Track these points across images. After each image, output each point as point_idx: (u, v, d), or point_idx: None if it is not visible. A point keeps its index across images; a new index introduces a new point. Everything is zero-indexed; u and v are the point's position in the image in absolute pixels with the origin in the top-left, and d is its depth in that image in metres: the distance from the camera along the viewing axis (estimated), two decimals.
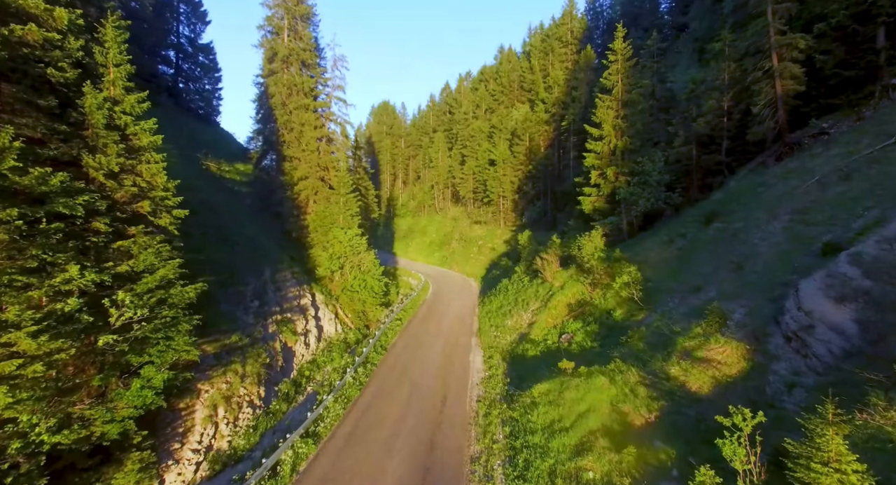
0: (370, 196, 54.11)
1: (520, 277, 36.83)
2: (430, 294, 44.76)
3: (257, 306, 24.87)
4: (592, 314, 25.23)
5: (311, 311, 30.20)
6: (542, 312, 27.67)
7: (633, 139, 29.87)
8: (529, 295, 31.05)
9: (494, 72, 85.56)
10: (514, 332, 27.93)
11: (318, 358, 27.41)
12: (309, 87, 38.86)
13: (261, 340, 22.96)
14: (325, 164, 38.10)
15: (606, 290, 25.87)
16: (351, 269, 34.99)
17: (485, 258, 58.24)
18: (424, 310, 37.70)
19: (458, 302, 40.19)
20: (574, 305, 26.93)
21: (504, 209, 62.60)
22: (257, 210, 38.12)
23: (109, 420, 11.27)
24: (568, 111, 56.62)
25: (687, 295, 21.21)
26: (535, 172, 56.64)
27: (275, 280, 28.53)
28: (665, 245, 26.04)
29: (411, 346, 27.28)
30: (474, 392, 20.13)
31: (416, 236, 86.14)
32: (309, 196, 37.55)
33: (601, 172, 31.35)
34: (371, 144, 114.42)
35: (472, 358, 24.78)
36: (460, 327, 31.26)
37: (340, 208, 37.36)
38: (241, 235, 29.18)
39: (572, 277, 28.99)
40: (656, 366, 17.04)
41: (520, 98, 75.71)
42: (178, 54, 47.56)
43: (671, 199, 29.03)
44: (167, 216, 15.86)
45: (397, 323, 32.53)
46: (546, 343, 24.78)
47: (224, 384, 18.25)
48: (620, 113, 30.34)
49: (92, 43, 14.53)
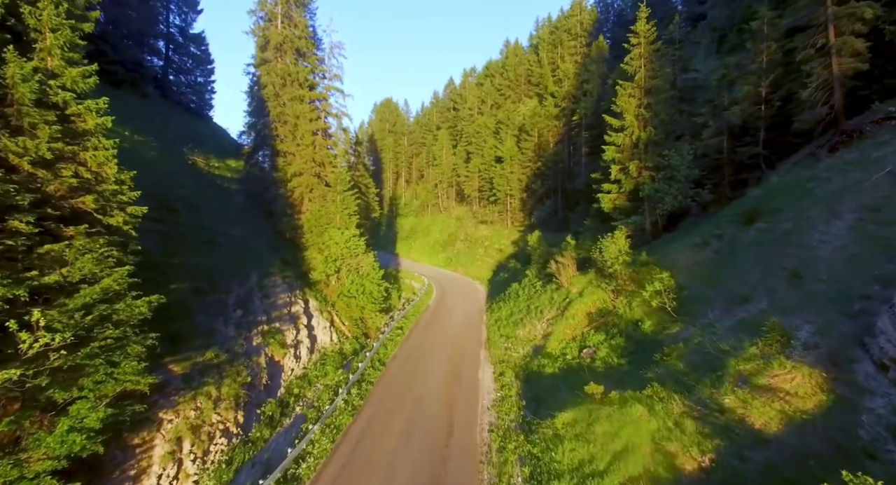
0: (370, 194, 51.49)
1: (531, 281, 34.05)
2: (433, 299, 42.07)
3: (240, 316, 22.24)
4: (616, 325, 22.43)
5: (304, 319, 27.58)
6: (559, 321, 24.89)
7: (658, 130, 27.03)
8: (543, 302, 28.27)
9: (500, 66, 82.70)
10: (528, 344, 25.16)
11: (309, 372, 24.77)
12: (304, 77, 36.28)
13: (242, 356, 20.32)
14: (320, 159, 35.48)
15: (632, 297, 23.08)
16: (348, 272, 32.34)
17: (491, 260, 55.46)
18: (428, 316, 35.00)
19: (464, 308, 37.46)
20: (595, 314, 24.14)
21: (511, 208, 59.79)
22: (248, 209, 35.56)
23: (17, 478, 8.62)
24: (579, 105, 53.77)
25: (730, 306, 18.38)
26: (545, 170, 53.82)
27: (263, 286, 25.91)
28: (697, 248, 23.19)
29: (413, 359, 24.57)
30: (485, 418, 17.39)
31: (419, 237, 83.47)
32: (303, 194, 34.93)
33: (622, 166, 28.52)
34: (373, 142, 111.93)
35: (482, 375, 22.04)
36: (467, 337, 28.52)
37: (337, 207, 34.72)
38: (227, 236, 26.59)
39: (592, 282, 26.19)
40: (704, 393, 14.23)
41: (527, 93, 72.85)
42: (167, 44, 45.11)
43: (700, 196, 26.17)
44: (120, 214, 13.20)
45: (398, 332, 29.83)
46: (565, 358, 22.00)
47: (193, 411, 15.60)
48: (643, 101, 27.50)
49: (21, 1, 11.88)
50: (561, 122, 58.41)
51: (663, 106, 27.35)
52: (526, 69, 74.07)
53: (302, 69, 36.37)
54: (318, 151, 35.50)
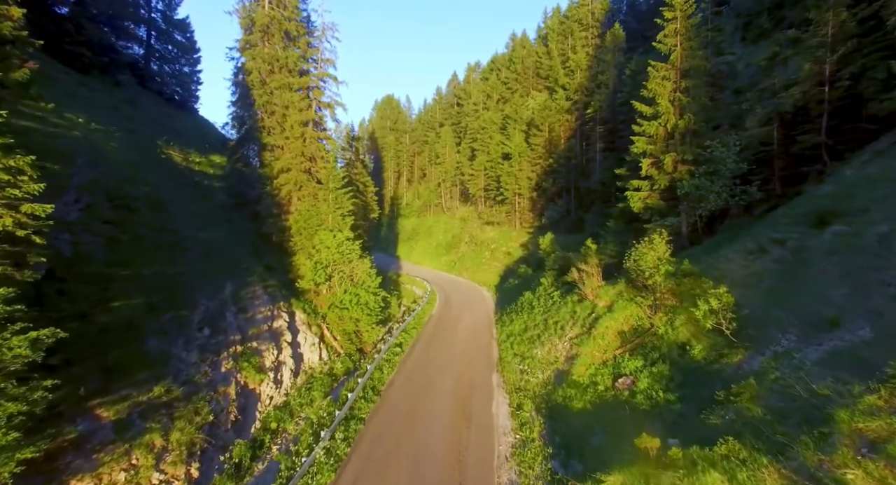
0: (369, 193, 47.86)
1: (547, 290, 30.32)
2: (437, 308, 38.40)
3: (207, 337, 18.62)
4: (657, 349, 18.68)
5: (288, 336, 23.97)
6: (586, 341, 21.15)
7: (698, 117, 23.27)
8: (564, 316, 24.54)
9: (507, 60, 78.99)
10: (548, 367, 21.46)
11: (292, 400, 21.16)
12: (293, 63, 32.69)
13: (206, 387, 16.70)
14: (311, 153, 31.87)
15: (674, 314, 19.34)
16: (341, 280, 28.72)
17: (498, 264, 51.75)
18: (430, 329, 31.33)
19: (471, 319, 33.76)
20: (629, 333, 20.41)
21: (520, 209, 56.06)
22: (231, 209, 31.98)
23: None
24: (593, 98, 49.98)
25: (811, 331, 14.60)
26: (557, 167, 50.06)
27: (239, 298, 22.31)
28: (752, 256, 19.40)
29: (413, 387, 20.90)
30: (504, 475, 13.69)
31: (421, 238, 79.88)
32: (291, 192, 31.33)
33: (655, 160, 24.78)
34: (374, 140, 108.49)
35: (496, 409, 18.35)
36: (476, 356, 24.85)
37: (329, 206, 31.11)
38: (198, 241, 22.99)
39: (622, 295, 22.46)
40: (808, 459, 10.39)
41: (536, 86, 69.11)
42: (149, 31, 41.62)
43: (749, 194, 22.39)
44: (8, 214, 9.60)
45: (396, 350, 26.17)
46: (596, 389, 18.28)
47: (123, 472, 11.96)
48: (680, 84, 23.76)
49: None
50: (573, 116, 54.65)
51: (703, 89, 23.60)
52: (534, 61, 70.29)
53: (291, 54, 32.80)
54: (308, 144, 31.91)
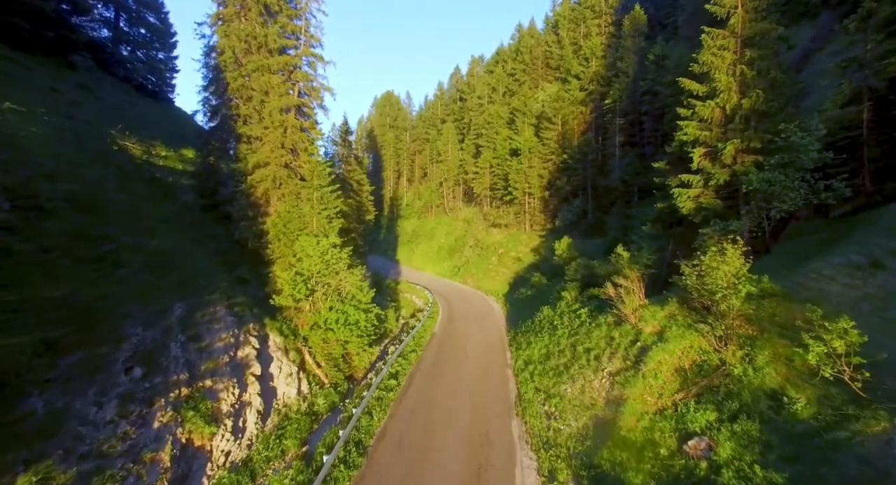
0: (364, 193, 43.25)
1: (570, 306, 25.62)
2: (440, 323, 33.71)
3: (136, 381, 13.97)
4: (735, 396, 13.94)
5: (256, 367, 19.37)
6: (632, 380, 16.45)
7: (768, 95, 18.55)
8: (597, 342, 19.84)
9: (514, 50, 74.30)
10: (583, 412, 16.77)
11: (256, 455, 16.55)
12: (273, 41, 28.11)
13: (121, 458, 12.04)
14: (293, 144, 27.28)
15: (752, 349, 14.63)
16: (326, 295, 24.09)
17: (507, 271, 47.04)
18: (433, 352, 26.64)
19: (480, 338, 29.05)
20: (691, 371, 15.70)
21: (531, 209, 51.33)
22: (200, 210, 27.38)
23: None
24: (612, 87, 45.30)
25: None
26: (571, 163, 45.34)
27: (191, 323, 17.66)
28: (863, 271, 14.68)
29: (410, 440, 16.19)
30: None
31: (422, 241, 75.24)
32: (269, 190, 26.74)
33: (710, 149, 20.06)
34: (373, 138, 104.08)
35: (521, 479, 13.62)
36: (488, 393, 20.16)
37: (314, 207, 26.49)
38: (143, 250, 18.36)
39: (675, 319, 17.75)
40: None
41: (545, 77, 64.41)
42: (118, 12, 37.13)
43: (837, 191, 17.65)
44: None
45: (390, 385, 21.44)
46: (656, 452, 13.57)
47: None
48: (744, 54, 19.05)
49: None
50: (588, 108, 50.00)
51: (773, 60, 18.89)
52: (543, 51, 65.57)
53: (271, 31, 28.21)
54: (289, 134, 27.31)
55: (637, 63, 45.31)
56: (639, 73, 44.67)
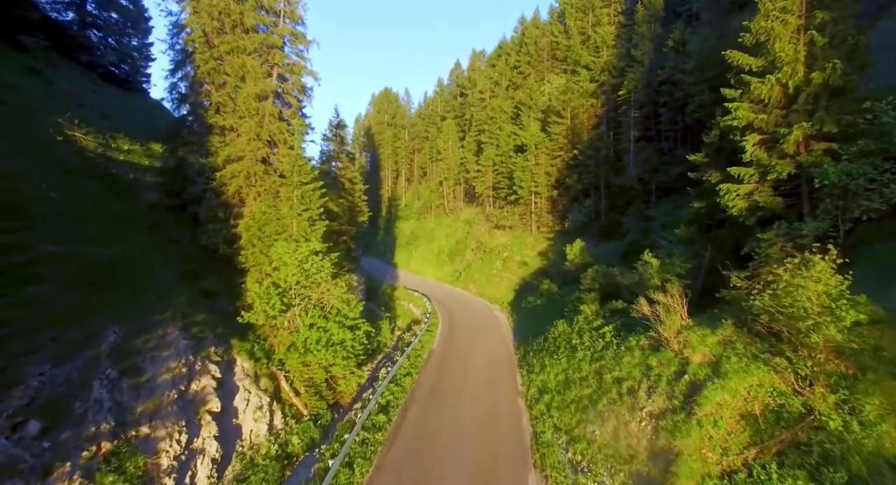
0: (357, 192, 39.74)
1: (590, 322, 22.08)
2: (439, 337, 30.17)
3: (31, 438, 10.41)
4: (838, 461, 10.35)
5: (215, 403, 15.87)
6: (684, 427, 12.89)
7: (845, 69, 14.99)
8: (630, 370, 16.28)
9: (517, 43, 70.81)
10: (621, 466, 13.22)
11: None
12: (250, 19, 24.64)
13: None
14: (270, 135, 23.80)
15: (851, 393, 11.08)
16: (305, 311, 20.56)
17: (512, 276, 43.46)
18: (431, 375, 23.08)
19: (486, 357, 25.50)
20: (764, 419, 12.12)
21: (537, 210, 47.76)
22: (166, 212, 23.85)
23: None
24: (626, 78, 41.74)
25: None
26: (582, 159, 41.77)
27: (129, 351, 14.11)
28: None
29: None
30: None
31: (421, 243, 71.71)
32: (242, 188, 23.26)
33: (767, 136, 16.51)
34: (370, 137, 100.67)
35: None
36: (498, 433, 16.60)
37: (294, 208, 22.97)
38: (72, 262, 14.83)
39: (733, 346, 14.20)
40: None
41: (552, 69, 60.86)
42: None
43: None
44: None
45: (379, 422, 17.84)
46: None
47: None
48: (814, 17, 15.50)
49: None
50: (599, 100, 46.48)
51: (851, 23, 15.36)
52: (549, 42, 62.05)
53: (248, 7, 24.73)
54: (266, 123, 23.82)
55: (653, 51, 41.82)
56: (655, 63, 41.17)
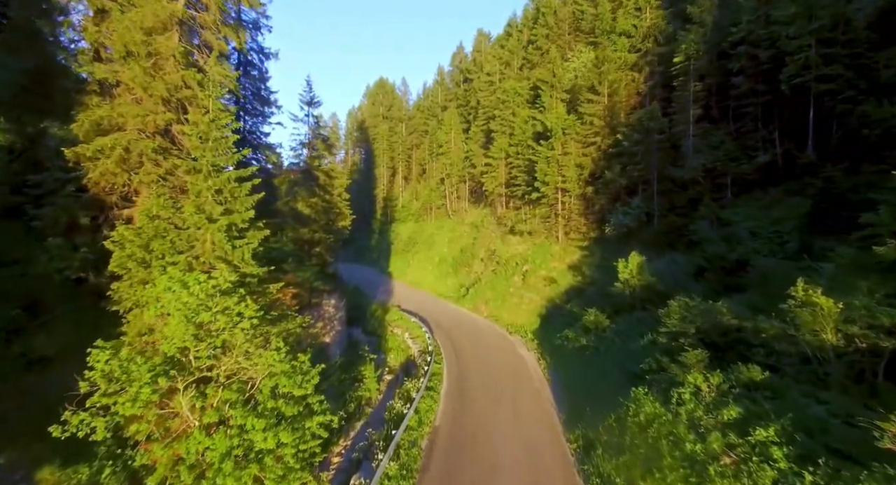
0: (337, 189, 30.50)
1: (708, 403, 12.71)
2: (444, 397, 20.74)
3: None
4: None
5: None
6: None
7: None
8: None
9: (531, 18, 61.82)
10: None
11: None
12: None
13: None
14: (173, 90, 14.50)
15: None
16: (205, 398, 11.16)
17: (535, 296, 34.20)
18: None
19: (519, 444, 16.02)
20: None
21: (566, 210, 38.57)
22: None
23: None
24: (684, 42, 32.50)
25: None
26: (629, 146, 32.57)
27: None
28: None
29: None
30: None
31: (419, 249, 62.47)
32: (118, 175, 13.90)
33: None
34: (364, 131, 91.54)
35: None
36: None
37: (204, 208, 13.61)
38: None
39: None
40: None
41: (573, 44, 51.73)
42: None
43: None
44: None
45: None
46: None
47: None
48: None
49: None
50: (642, 74, 37.32)
51: None
52: (571, 11, 52.95)
53: None
54: (167, 72, 14.54)
55: (716, 7, 32.76)
56: (720, 21, 32.11)
